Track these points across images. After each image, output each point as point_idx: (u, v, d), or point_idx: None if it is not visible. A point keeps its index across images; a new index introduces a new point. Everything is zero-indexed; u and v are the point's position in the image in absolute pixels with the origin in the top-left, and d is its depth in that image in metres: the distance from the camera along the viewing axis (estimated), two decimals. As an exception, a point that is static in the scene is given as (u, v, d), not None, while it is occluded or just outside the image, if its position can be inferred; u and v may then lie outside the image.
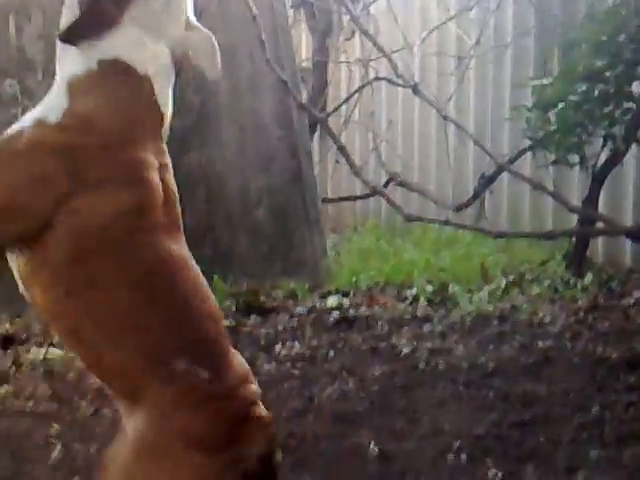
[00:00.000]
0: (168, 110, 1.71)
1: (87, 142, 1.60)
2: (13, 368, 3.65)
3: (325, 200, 6.20)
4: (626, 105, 4.08)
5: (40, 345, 3.88)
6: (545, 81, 4.23)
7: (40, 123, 1.64)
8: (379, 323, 4.22)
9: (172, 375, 1.58)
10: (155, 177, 1.64)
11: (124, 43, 1.66)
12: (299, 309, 4.44)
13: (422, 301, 4.55)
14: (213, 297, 1.75)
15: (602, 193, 4.74)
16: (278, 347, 3.91)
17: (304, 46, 7.53)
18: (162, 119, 1.70)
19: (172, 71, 1.71)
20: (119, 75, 1.66)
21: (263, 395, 3.39)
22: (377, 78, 5.31)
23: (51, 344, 3.90)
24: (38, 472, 2.79)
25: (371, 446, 2.92)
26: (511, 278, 4.85)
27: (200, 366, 1.59)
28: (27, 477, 2.76)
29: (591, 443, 2.86)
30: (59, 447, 2.95)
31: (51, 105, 1.68)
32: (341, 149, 4.82)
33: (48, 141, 1.61)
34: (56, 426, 3.11)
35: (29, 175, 1.60)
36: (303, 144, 5.29)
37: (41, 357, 3.75)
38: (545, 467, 2.73)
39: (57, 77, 1.76)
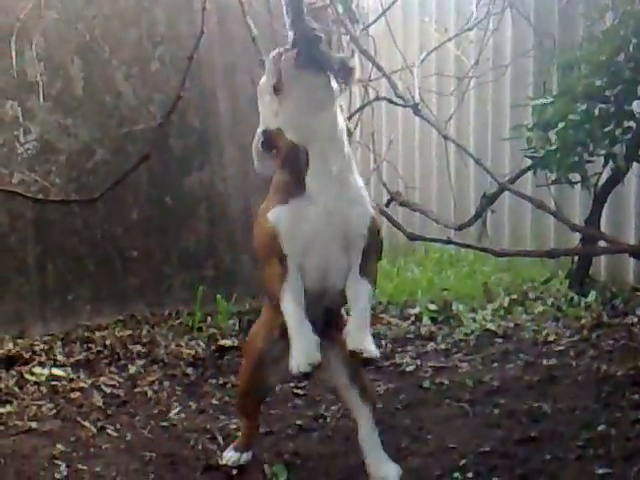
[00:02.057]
0: None
1: None
2: (17, 387, 3.64)
3: (326, 220, 6.18)
4: (627, 124, 4.07)
5: (43, 364, 3.88)
6: (545, 100, 4.24)
7: None
8: (382, 342, 4.22)
9: None
10: None
11: None
12: (302, 328, 4.43)
13: (425, 320, 4.55)
14: None
15: (604, 212, 4.74)
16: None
17: (304, 67, 7.56)
18: None
19: None
20: None
21: (266, 414, 3.40)
22: (377, 98, 5.30)
23: (54, 363, 3.91)
24: (43, 491, 2.79)
25: (377, 464, 2.90)
26: (514, 296, 4.85)
27: None
28: (32, 496, 2.75)
29: (597, 460, 2.85)
30: (63, 466, 2.95)
31: None
32: (342, 169, 4.82)
33: None
34: (60, 446, 3.10)
35: None
36: (304, 164, 5.29)
37: (44, 376, 3.74)
38: (552, 484, 2.73)
39: None
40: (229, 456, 2.91)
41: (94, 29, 4.60)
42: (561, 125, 4.01)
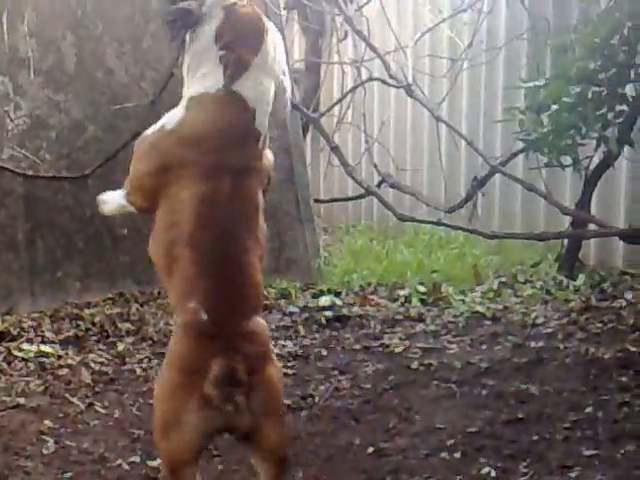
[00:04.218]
0: (265, 129, 2.28)
1: (186, 146, 2.23)
2: (5, 364, 3.63)
3: (317, 201, 6.18)
4: (619, 107, 4.07)
5: (31, 341, 3.87)
6: (538, 83, 4.23)
7: (161, 128, 2.31)
8: (372, 323, 4.23)
9: (186, 310, 2.15)
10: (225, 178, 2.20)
11: (247, 82, 2.23)
12: (292, 308, 4.44)
13: (415, 301, 4.55)
14: (258, 272, 2.23)
15: (595, 195, 4.75)
16: (271, 346, 3.90)
17: (297, 47, 7.53)
18: (259, 137, 2.27)
19: (272, 101, 2.29)
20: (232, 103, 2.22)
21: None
22: (370, 79, 5.29)
23: (43, 340, 3.90)
24: (31, 467, 2.79)
25: (365, 444, 2.92)
26: (503, 279, 4.86)
27: (208, 310, 2.12)
28: (20, 472, 2.76)
29: (584, 442, 2.87)
30: (51, 442, 2.95)
31: (171, 115, 2.31)
32: (334, 149, 4.81)
33: (164, 143, 2.28)
34: (48, 421, 3.11)
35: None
36: (296, 144, 5.29)
37: (32, 353, 3.73)
38: (538, 465, 2.74)
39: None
40: None
41: (86, 5, 4.56)
42: (554, 108, 4.01)
